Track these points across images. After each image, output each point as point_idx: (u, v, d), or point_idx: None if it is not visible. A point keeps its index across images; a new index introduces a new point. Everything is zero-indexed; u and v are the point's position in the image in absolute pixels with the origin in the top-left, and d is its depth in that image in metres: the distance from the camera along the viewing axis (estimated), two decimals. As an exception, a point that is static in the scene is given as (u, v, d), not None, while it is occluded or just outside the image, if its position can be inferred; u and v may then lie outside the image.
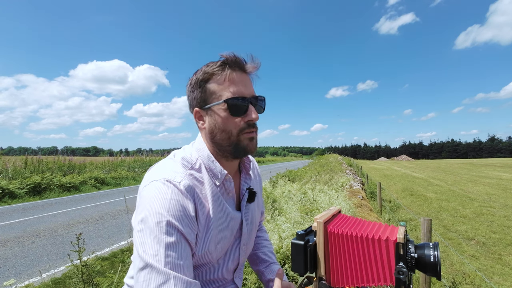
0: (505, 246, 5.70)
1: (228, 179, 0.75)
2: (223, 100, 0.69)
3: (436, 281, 3.97)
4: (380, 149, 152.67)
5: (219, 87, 0.70)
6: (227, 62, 0.70)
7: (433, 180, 17.55)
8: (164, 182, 0.64)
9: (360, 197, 7.07)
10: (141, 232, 0.59)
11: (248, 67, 0.73)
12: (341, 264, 0.67)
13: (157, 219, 0.59)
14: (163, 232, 0.58)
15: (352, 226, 0.68)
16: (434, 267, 0.58)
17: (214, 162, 0.74)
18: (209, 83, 0.70)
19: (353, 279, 0.65)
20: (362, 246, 0.63)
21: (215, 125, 0.71)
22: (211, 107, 0.71)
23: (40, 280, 3.38)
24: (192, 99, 0.74)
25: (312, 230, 0.71)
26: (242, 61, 0.72)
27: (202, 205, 0.69)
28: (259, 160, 49.64)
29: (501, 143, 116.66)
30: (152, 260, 0.56)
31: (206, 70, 0.71)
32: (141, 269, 0.57)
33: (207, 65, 0.72)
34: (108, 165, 15.62)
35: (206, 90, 0.71)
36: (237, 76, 0.71)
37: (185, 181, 0.66)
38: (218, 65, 0.70)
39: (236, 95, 0.69)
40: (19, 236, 5.05)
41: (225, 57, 0.71)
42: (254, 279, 2.27)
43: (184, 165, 0.71)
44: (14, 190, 9.02)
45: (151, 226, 0.59)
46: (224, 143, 0.72)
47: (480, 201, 10.16)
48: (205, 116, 0.73)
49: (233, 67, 0.71)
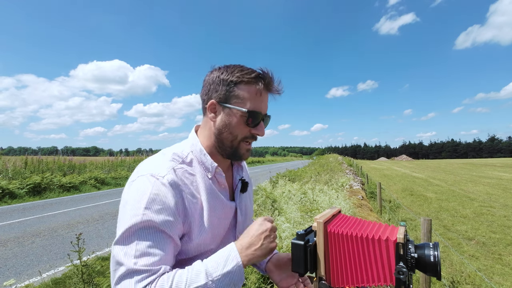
0: (505, 246, 5.70)
1: (218, 171, 0.78)
2: (246, 110, 0.73)
3: (436, 281, 3.97)
4: (380, 149, 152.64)
5: (247, 95, 0.74)
6: (263, 79, 0.75)
7: (433, 180, 17.55)
8: (148, 178, 0.67)
9: (360, 197, 7.06)
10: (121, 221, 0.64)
11: (274, 89, 0.79)
12: (341, 264, 0.67)
13: (132, 212, 0.63)
14: (138, 226, 0.62)
15: (352, 226, 0.69)
16: (434, 267, 0.58)
17: (205, 155, 0.78)
18: (239, 87, 0.74)
19: (353, 279, 0.65)
20: (362, 246, 0.63)
21: (228, 125, 0.75)
22: (231, 108, 0.75)
23: (40, 280, 3.38)
24: (213, 90, 0.76)
25: (312, 230, 0.72)
26: (274, 84, 0.78)
27: (193, 196, 0.72)
28: (259, 160, 49.63)
29: (501, 143, 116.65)
30: (120, 253, 0.61)
31: (240, 75, 0.74)
32: (112, 258, 0.62)
33: (241, 69, 0.75)
34: (108, 165, 15.61)
35: (233, 91, 0.74)
36: (264, 94, 0.77)
37: (169, 175, 0.69)
38: (254, 76, 0.74)
39: (257, 110, 0.75)
40: (19, 236, 5.05)
41: (263, 73, 0.76)
42: (254, 279, 2.27)
43: (174, 159, 0.74)
44: (14, 190, 9.02)
45: (127, 218, 0.63)
46: (226, 143, 0.77)
47: (480, 201, 10.16)
48: (219, 112, 0.76)
49: (265, 85, 0.76)
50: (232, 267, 0.63)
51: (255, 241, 0.68)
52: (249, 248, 0.67)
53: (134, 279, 0.59)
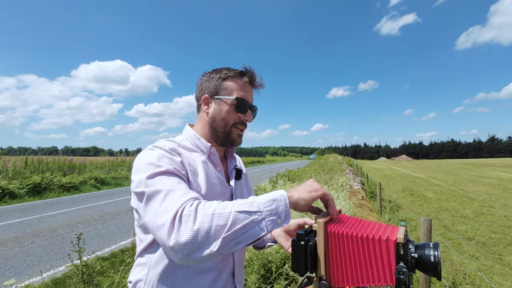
0: (505, 246, 5.70)
1: (213, 151, 0.88)
2: (235, 97, 0.86)
3: (436, 281, 3.97)
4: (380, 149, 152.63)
5: (233, 86, 0.87)
6: (246, 73, 0.89)
7: (433, 180, 17.55)
8: (152, 148, 0.78)
9: (360, 197, 7.06)
10: (137, 178, 0.70)
11: (257, 84, 0.92)
12: (341, 264, 0.67)
13: (147, 169, 0.70)
14: (156, 173, 0.69)
15: (353, 226, 0.69)
16: (434, 267, 0.58)
17: (200, 139, 0.88)
18: (226, 81, 0.87)
19: (354, 279, 0.66)
20: (363, 246, 0.63)
21: (219, 113, 0.87)
22: (221, 98, 0.87)
23: (40, 280, 3.38)
24: (206, 87, 0.90)
25: (312, 230, 0.72)
26: (255, 78, 0.90)
27: (191, 166, 0.80)
28: (259, 160, 49.63)
29: (501, 143, 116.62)
30: (151, 191, 0.66)
31: (227, 72, 0.88)
32: (144, 201, 0.66)
33: (228, 68, 0.90)
34: (108, 165, 15.61)
35: (221, 85, 0.87)
36: (247, 87, 0.90)
37: (169, 145, 0.80)
38: (238, 72, 0.88)
39: (244, 98, 0.88)
40: (19, 236, 5.05)
41: (246, 70, 0.89)
42: (254, 279, 2.27)
43: (171, 142, 0.84)
44: (14, 190, 9.02)
45: (143, 177, 0.69)
46: (219, 129, 0.88)
47: (480, 201, 10.16)
48: (212, 104, 0.89)
49: (249, 79, 0.89)
50: (278, 195, 0.65)
51: (302, 186, 0.71)
52: (295, 189, 0.70)
53: (177, 194, 0.64)
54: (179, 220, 0.58)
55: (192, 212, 0.59)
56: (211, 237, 0.57)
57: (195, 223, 0.57)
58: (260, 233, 0.61)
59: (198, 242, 0.56)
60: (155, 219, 0.61)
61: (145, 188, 0.67)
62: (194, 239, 0.56)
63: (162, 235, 0.58)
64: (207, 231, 0.57)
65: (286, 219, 0.65)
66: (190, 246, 0.56)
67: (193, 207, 0.60)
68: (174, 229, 0.57)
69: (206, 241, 0.57)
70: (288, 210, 0.65)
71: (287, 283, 2.27)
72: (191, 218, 0.58)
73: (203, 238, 0.56)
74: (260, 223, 0.61)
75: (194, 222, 0.57)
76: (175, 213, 0.59)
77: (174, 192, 0.64)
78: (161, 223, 0.59)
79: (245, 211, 0.60)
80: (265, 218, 0.61)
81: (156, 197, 0.64)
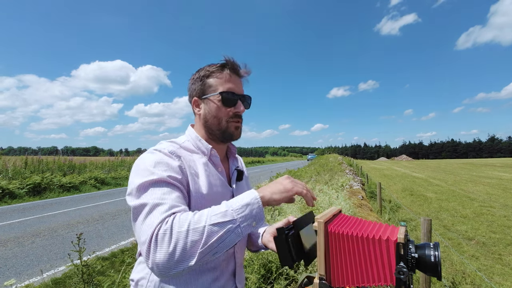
0: (505, 246, 5.70)
1: (214, 153, 0.88)
2: (218, 92, 0.85)
3: (436, 281, 3.97)
4: (380, 149, 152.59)
5: (217, 82, 0.86)
6: (226, 65, 0.87)
7: (433, 180, 17.55)
8: (151, 151, 0.78)
9: (360, 197, 7.06)
10: (132, 184, 0.71)
11: (242, 72, 0.90)
12: (341, 264, 0.67)
13: (143, 175, 0.71)
14: (149, 182, 0.69)
15: (353, 226, 0.69)
16: (434, 267, 0.58)
17: (201, 140, 0.88)
18: (209, 78, 0.87)
19: (354, 279, 0.66)
20: (363, 246, 0.63)
21: (209, 112, 0.87)
22: (208, 97, 0.87)
23: (40, 280, 3.38)
24: (193, 90, 0.90)
25: (293, 227, 0.74)
26: (238, 66, 0.88)
27: (191, 168, 0.80)
28: (259, 160, 49.62)
29: (501, 143, 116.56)
30: (138, 202, 0.67)
31: (208, 68, 0.87)
32: (132, 208, 0.68)
33: (209, 65, 0.89)
34: (108, 165, 15.61)
35: (205, 84, 0.87)
36: (232, 77, 0.88)
37: (169, 147, 0.80)
38: (219, 66, 0.87)
39: (230, 90, 0.86)
40: (19, 236, 5.05)
41: (225, 60, 0.87)
42: (254, 279, 2.27)
43: (172, 144, 0.84)
44: (14, 190, 9.01)
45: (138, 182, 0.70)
46: (214, 128, 0.88)
47: (480, 201, 10.16)
48: (201, 104, 0.89)
49: (230, 70, 0.87)
50: (251, 199, 0.66)
51: (275, 184, 0.72)
52: (267, 187, 0.71)
53: (159, 210, 0.64)
54: (155, 241, 0.60)
55: (168, 231, 0.60)
56: (187, 254, 0.59)
57: (171, 243, 0.59)
58: (237, 239, 0.63)
59: (175, 261, 0.58)
60: (139, 235, 0.64)
61: (133, 201, 0.68)
62: (170, 259, 0.58)
63: (143, 253, 0.61)
64: (182, 249, 0.58)
65: (260, 221, 0.67)
66: (167, 266, 0.58)
67: (169, 224, 0.61)
68: (151, 250, 0.59)
69: (183, 258, 0.59)
70: (261, 212, 0.66)
71: (287, 283, 2.27)
72: (166, 237, 0.59)
73: (179, 256, 0.58)
74: (235, 230, 0.62)
75: (169, 242, 0.59)
76: (152, 233, 0.61)
77: (157, 207, 0.65)
78: (142, 240, 0.62)
79: (219, 222, 0.61)
80: (239, 225, 0.63)
81: (141, 212, 0.66)
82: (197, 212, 0.64)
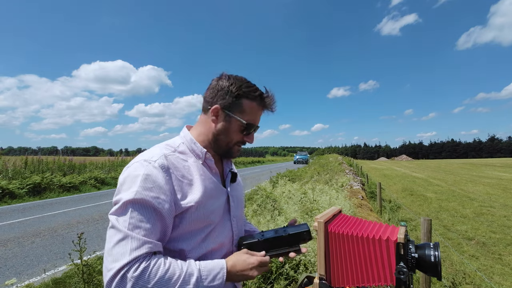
0: (505, 246, 5.69)
1: (208, 157, 0.88)
2: (245, 122, 0.86)
3: (436, 281, 3.97)
4: (380, 149, 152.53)
5: (249, 109, 0.86)
6: (264, 98, 0.89)
7: (433, 180, 17.55)
8: (141, 162, 0.77)
9: (360, 197, 7.06)
10: (117, 194, 0.74)
11: (270, 109, 0.92)
12: (341, 264, 0.67)
13: (126, 192, 0.72)
14: (131, 201, 0.70)
15: (353, 226, 0.69)
16: (434, 267, 0.58)
17: (195, 143, 0.88)
18: (244, 100, 0.86)
19: (354, 279, 0.66)
20: (363, 246, 0.63)
21: (224, 129, 0.87)
22: (232, 117, 0.86)
23: (40, 280, 3.38)
24: (219, 97, 0.86)
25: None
26: (273, 106, 0.91)
27: (185, 177, 0.81)
28: (259, 160, 49.60)
29: (501, 143, 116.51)
30: (116, 221, 0.69)
31: (247, 90, 0.86)
32: (109, 227, 0.71)
33: (248, 85, 0.87)
34: (108, 165, 15.60)
35: (237, 102, 0.85)
36: (260, 111, 0.90)
37: (160, 160, 0.78)
38: (257, 94, 0.87)
39: (253, 122, 0.88)
40: (19, 236, 5.05)
41: (266, 95, 0.89)
42: (254, 279, 2.27)
43: (166, 148, 0.85)
44: (14, 190, 9.01)
45: (121, 197, 0.72)
46: (221, 144, 0.89)
47: (480, 201, 10.16)
48: (221, 117, 0.87)
49: (265, 106, 0.90)
50: (217, 284, 0.73)
51: (242, 268, 0.79)
52: (238, 272, 0.78)
53: (130, 246, 0.66)
54: (119, 281, 0.63)
55: (132, 280, 0.63)
56: None
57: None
58: None
59: None
60: (106, 258, 0.67)
61: (112, 214, 0.72)
62: None
63: (105, 278, 0.65)
64: None
65: None
66: None
67: (137, 273, 0.64)
68: (113, 285, 0.63)
69: None
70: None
71: (287, 283, 2.28)
72: (128, 286, 0.63)
73: None
74: None
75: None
76: (117, 271, 0.64)
77: (130, 240, 0.66)
78: (107, 268, 0.65)
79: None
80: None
81: (114, 235, 0.68)
82: (170, 266, 0.68)
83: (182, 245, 0.78)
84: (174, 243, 0.78)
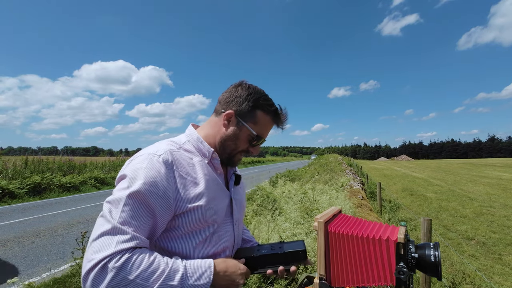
0: (505, 246, 5.69)
1: (215, 156, 0.87)
2: (256, 133, 0.87)
3: (436, 281, 3.97)
4: (380, 149, 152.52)
5: (262, 121, 0.87)
6: (278, 115, 0.90)
7: (433, 180, 17.55)
8: (145, 156, 0.76)
9: (360, 197, 7.06)
10: (113, 191, 0.72)
11: (281, 126, 0.94)
12: (341, 264, 0.67)
13: (125, 184, 0.70)
14: (126, 195, 0.68)
15: (353, 226, 0.69)
16: (434, 267, 0.58)
17: (202, 142, 0.87)
18: (259, 112, 0.87)
19: (354, 279, 0.66)
20: (363, 246, 0.63)
21: (234, 136, 0.87)
22: (244, 125, 0.86)
23: (40, 280, 3.38)
24: (236, 103, 0.87)
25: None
26: (284, 122, 0.93)
27: (189, 174, 0.79)
28: (259, 160, 49.61)
29: (501, 143, 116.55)
30: (108, 212, 0.67)
31: (264, 104, 0.87)
32: (100, 215, 0.68)
33: (266, 98, 0.89)
34: (108, 165, 15.60)
35: (251, 112, 0.86)
36: (271, 126, 0.91)
37: (164, 155, 0.76)
38: (273, 109, 0.89)
39: (261, 135, 0.89)
40: (19, 236, 5.05)
41: (280, 113, 0.91)
42: (254, 279, 2.27)
43: (172, 144, 0.83)
44: (14, 190, 9.01)
45: (119, 188, 0.71)
46: (228, 149, 0.88)
47: (480, 201, 10.16)
48: (233, 123, 0.87)
49: (277, 123, 0.92)
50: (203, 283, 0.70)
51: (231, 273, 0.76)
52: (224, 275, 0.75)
53: (118, 239, 0.63)
54: (100, 270, 0.60)
55: (114, 271, 0.60)
56: None
57: (108, 285, 0.59)
58: None
59: None
60: (89, 247, 0.64)
61: (108, 204, 0.69)
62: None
63: (83, 268, 0.61)
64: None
65: None
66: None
67: (119, 263, 0.61)
68: (91, 276, 0.59)
69: None
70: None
71: (287, 283, 2.27)
72: (109, 276, 0.60)
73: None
74: None
75: (107, 285, 0.59)
76: (98, 261, 0.60)
77: (119, 233, 0.64)
78: (88, 258, 0.61)
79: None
80: None
81: (102, 224, 0.66)
82: (154, 260, 0.65)
83: (182, 245, 0.76)
84: (174, 243, 0.76)
